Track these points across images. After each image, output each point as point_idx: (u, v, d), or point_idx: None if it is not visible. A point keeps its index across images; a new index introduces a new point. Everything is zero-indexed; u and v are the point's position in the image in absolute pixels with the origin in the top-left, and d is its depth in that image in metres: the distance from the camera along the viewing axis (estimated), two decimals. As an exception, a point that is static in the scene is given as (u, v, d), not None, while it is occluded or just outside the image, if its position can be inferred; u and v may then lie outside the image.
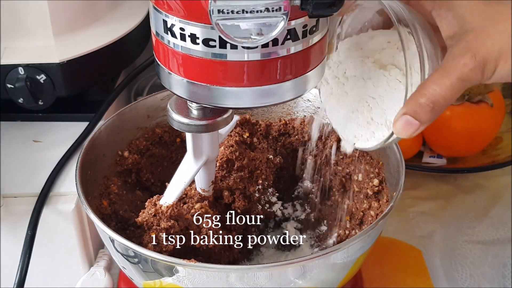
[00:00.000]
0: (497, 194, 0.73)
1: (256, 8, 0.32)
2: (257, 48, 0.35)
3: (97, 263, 0.58)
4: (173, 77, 0.39)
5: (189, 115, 0.43)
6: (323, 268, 0.44)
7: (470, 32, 0.40)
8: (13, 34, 0.59)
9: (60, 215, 0.53)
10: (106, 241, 0.46)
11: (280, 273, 0.42)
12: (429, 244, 0.65)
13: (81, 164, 0.49)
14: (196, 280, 0.42)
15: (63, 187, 0.55)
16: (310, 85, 0.40)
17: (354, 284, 0.58)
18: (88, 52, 0.60)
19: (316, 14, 0.33)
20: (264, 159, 0.54)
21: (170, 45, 0.37)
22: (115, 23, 0.66)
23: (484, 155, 0.76)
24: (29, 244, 0.50)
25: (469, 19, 0.40)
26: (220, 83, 0.37)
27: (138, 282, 0.47)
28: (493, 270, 0.62)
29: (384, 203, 0.52)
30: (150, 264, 0.42)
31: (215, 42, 0.35)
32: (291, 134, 0.59)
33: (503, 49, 0.39)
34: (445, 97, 0.39)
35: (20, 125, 0.64)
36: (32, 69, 0.58)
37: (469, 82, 0.39)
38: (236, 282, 0.42)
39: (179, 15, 0.35)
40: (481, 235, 0.67)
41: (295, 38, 0.36)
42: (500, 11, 0.40)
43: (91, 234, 0.57)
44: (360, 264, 0.49)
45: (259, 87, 0.37)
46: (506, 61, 0.39)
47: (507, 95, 0.80)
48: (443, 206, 0.71)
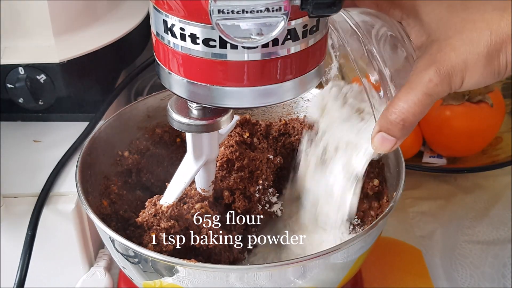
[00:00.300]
0: (497, 194, 0.73)
1: (256, 8, 0.32)
2: (257, 48, 0.35)
3: (97, 263, 0.58)
4: (173, 77, 0.39)
5: (189, 115, 0.43)
6: (323, 268, 0.44)
7: (435, 43, 0.38)
8: (13, 34, 0.59)
9: (60, 215, 0.53)
10: (106, 241, 0.46)
11: (280, 273, 0.42)
12: (429, 244, 0.65)
13: (81, 164, 0.49)
14: (196, 280, 0.42)
15: (63, 187, 0.55)
16: (310, 85, 0.40)
17: (354, 284, 0.58)
18: (88, 52, 0.60)
19: (316, 14, 0.33)
20: (265, 159, 0.54)
21: (170, 45, 0.37)
22: (115, 23, 0.66)
23: (484, 155, 0.76)
24: (29, 244, 0.50)
25: (434, 29, 0.39)
26: (220, 83, 0.37)
27: (138, 282, 0.47)
28: (493, 270, 0.62)
29: (384, 203, 0.52)
30: (150, 264, 0.42)
31: (215, 42, 0.35)
32: (291, 134, 0.59)
33: (468, 60, 0.37)
34: (414, 113, 0.38)
35: (20, 125, 0.64)
36: (32, 69, 0.58)
37: (436, 96, 0.38)
38: (236, 282, 0.42)
39: (179, 15, 0.35)
40: (481, 235, 0.67)
41: (295, 38, 0.36)
42: (465, 19, 0.38)
43: (91, 234, 0.57)
44: (360, 264, 0.49)
45: (259, 87, 0.37)
46: (473, 72, 0.38)
47: (507, 95, 0.80)
48: (443, 206, 0.71)
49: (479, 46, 0.37)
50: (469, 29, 0.38)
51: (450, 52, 0.37)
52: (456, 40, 0.38)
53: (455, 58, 0.37)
